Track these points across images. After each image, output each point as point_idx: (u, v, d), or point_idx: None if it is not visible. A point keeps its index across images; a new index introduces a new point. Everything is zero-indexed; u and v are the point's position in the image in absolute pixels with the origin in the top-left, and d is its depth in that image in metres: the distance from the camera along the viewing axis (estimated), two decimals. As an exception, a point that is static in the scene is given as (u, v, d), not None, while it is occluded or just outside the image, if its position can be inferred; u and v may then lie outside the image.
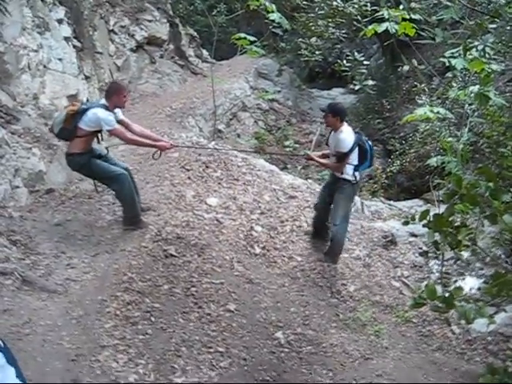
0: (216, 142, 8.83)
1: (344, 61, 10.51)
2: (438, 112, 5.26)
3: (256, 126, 12.74)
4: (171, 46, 12.99)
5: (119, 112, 6.17)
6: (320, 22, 12.16)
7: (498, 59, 5.70)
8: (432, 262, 6.77)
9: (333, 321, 5.37)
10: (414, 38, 4.74)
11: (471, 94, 5.01)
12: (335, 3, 11.31)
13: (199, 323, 4.76)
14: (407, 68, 6.01)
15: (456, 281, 6.37)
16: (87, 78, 9.27)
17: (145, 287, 5.05)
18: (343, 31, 11.98)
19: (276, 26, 9.17)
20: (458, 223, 2.93)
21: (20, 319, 4.54)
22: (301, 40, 12.68)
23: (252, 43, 8.74)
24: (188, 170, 7.52)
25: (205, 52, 14.30)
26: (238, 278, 5.53)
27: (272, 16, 7.75)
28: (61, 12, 8.76)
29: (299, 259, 6.16)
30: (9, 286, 4.88)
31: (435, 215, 2.79)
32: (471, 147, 7.09)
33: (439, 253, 6.41)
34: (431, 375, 4.99)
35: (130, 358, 4.24)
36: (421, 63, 6.11)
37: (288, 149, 11.96)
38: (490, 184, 2.74)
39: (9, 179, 6.16)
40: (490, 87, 4.36)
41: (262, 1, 7.60)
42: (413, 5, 5.02)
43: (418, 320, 5.79)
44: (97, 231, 6.21)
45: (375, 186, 10.66)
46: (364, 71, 10.63)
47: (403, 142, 11.65)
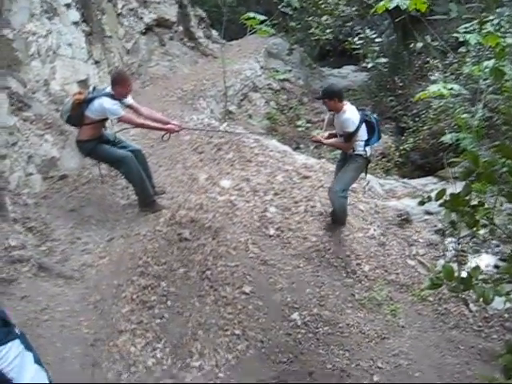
0: (228, 124, 8.79)
1: (355, 38, 10.38)
2: (452, 88, 5.19)
3: (267, 107, 12.65)
4: (180, 28, 12.89)
5: (128, 96, 6.20)
6: (330, 0, 12.00)
7: (514, 32, 5.59)
8: (447, 240, 6.72)
9: (348, 301, 5.35)
10: (427, 14, 4.66)
11: (486, 69, 4.93)
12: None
13: (215, 306, 4.77)
14: (420, 44, 5.91)
15: (472, 258, 6.33)
16: (97, 63, 9.23)
17: (160, 271, 5.06)
18: (354, 8, 11.80)
19: (285, 5, 9.07)
20: (475, 202, 2.89)
21: (38, 305, 4.60)
22: (311, 18, 12.52)
23: (262, 23, 8.65)
24: (200, 153, 7.50)
25: (214, 33, 14.16)
26: (253, 260, 5.53)
27: (281, -6, 7.66)
28: (68, -4, 8.71)
29: (314, 239, 6.14)
30: (26, 273, 4.93)
31: (452, 194, 2.75)
32: (486, 123, 7.00)
33: (448, 231, 6.38)
34: (448, 353, 4.98)
35: (148, 343, 4.27)
36: (434, 39, 6.00)
37: (300, 128, 11.87)
38: (508, 161, 2.69)
39: (22, 166, 6.18)
40: (505, 62, 4.29)
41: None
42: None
43: (434, 298, 5.76)
44: (111, 216, 6.24)
45: (389, 164, 10.58)
46: (376, 49, 10.50)
47: (416, 120, 11.52)
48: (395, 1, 4.48)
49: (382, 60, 10.23)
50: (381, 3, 4.61)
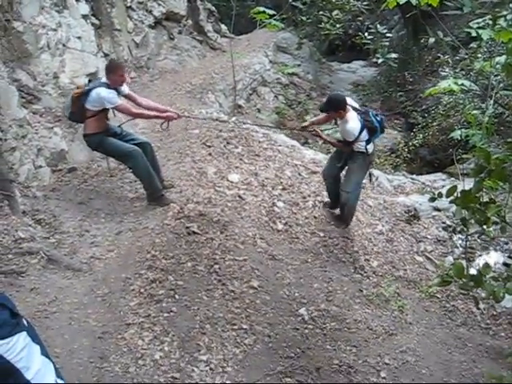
0: (236, 118, 8.78)
1: (366, 33, 10.32)
2: (463, 84, 5.15)
3: (276, 101, 12.64)
4: (190, 22, 12.87)
5: (125, 86, 6.24)
6: (341, -6, 11.96)
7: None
8: (456, 237, 6.70)
9: (356, 296, 5.35)
10: (438, 9, 4.62)
11: (497, 65, 4.89)
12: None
13: (223, 300, 4.77)
14: (433, 40, 5.85)
15: (480, 255, 6.31)
16: (106, 56, 9.25)
17: (168, 265, 5.06)
18: (364, 3, 11.73)
19: (296, -1, 9.03)
20: (486, 199, 2.87)
21: (47, 297, 4.61)
22: (322, 13, 12.47)
23: (271, 17, 8.64)
24: (209, 147, 7.50)
25: (223, 27, 14.14)
26: (261, 255, 5.53)
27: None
28: (78, -11, 8.72)
29: (322, 235, 6.13)
30: (35, 265, 4.95)
31: (463, 191, 2.74)
32: (496, 120, 6.96)
33: (458, 228, 6.35)
34: (456, 350, 4.97)
35: (156, 336, 4.27)
36: (446, 34, 5.96)
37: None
38: (520, 159, 2.68)
39: (32, 159, 6.20)
40: (517, 58, 4.25)
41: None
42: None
43: (442, 295, 5.76)
44: (119, 209, 6.24)
45: (397, 160, 10.57)
46: (386, 44, 10.43)
47: (426, 115, 11.49)
48: (406, -5, 4.45)
49: (393, 55, 10.16)
50: (392, -3, 4.57)
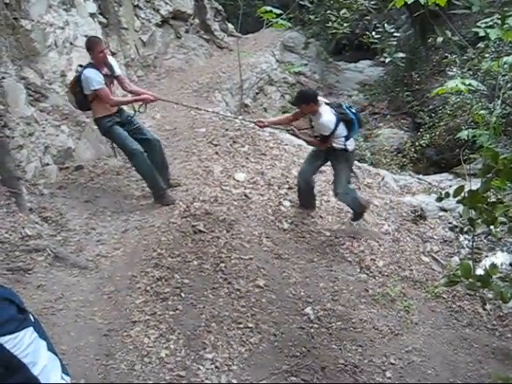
0: (243, 117, 8.78)
1: (373, 32, 10.30)
2: (470, 84, 5.13)
3: (283, 100, 12.63)
4: (196, 21, 12.88)
5: (116, 66, 6.27)
6: (349, -7, 11.95)
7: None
8: (462, 237, 6.68)
9: (362, 296, 5.33)
10: (446, 8, 4.61)
11: (505, 65, 4.88)
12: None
13: (229, 299, 4.77)
14: (441, 39, 5.83)
15: (487, 256, 6.29)
16: (113, 54, 9.24)
17: (174, 263, 5.07)
18: (372, 2, 11.71)
19: (303, -2, 9.03)
20: (493, 199, 2.86)
21: (53, 295, 4.63)
22: (329, 12, 12.45)
23: (278, 16, 8.64)
24: (215, 145, 7.51)
25: (230, 26, 14.14)
26: (267, 254, 5.53)
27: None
28: (86, -12, 8.74)
29: (328, 234, 6.13)
30: (41, 263, 4.97)
31: (470, 191, 2.73)
32: (504, 120, 6.94)
33: (466, 228, 6.33)
34: (461, 351, 4.95)
35: (161, 334, 4.28)
36: (453, 34, 5.95)
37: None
38: (528, 159, 2.67)
39: (39, 157, 6.22)
40: (526, 58, 4.24)
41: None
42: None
43: (448, 295, 5.73)
44: (126, 207, 6.26)
45: (404, 160, 10.54)
46: (394, 43, 10.41)
47: (432, 115, 11.46)
48: (414, -5, 4.44)
49: (400, 55, 10.14)
50: (400, -3, 4.56)
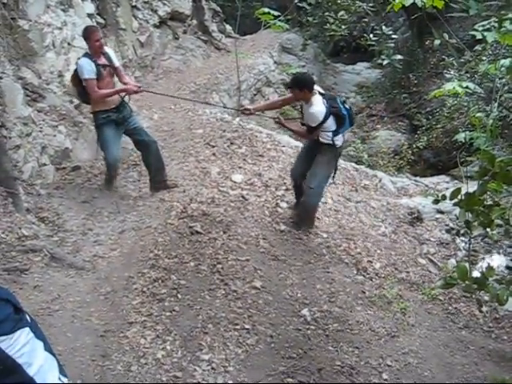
0: (240, 118, 8.78)
1: (371, 35, 10.32)
2: (467, 87, 5.15)
3: (280, 102, 12.63)
4: (194, 22, 12.89)
5: (115, 58, 6.23)
6: (347, -5, 11.98)
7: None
8: (459, 239, 6.69)
9: (359, 298, 5.34)
10: (443, 11, 4.62)
11: (502, 68, 4.89)
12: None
13: (225, 300, 4.77)
14: (439, 42, 5.85)
15: (483, 258, 6.30)
16: (111, 54, 9.26)
17: (171, 264, 5.07)
18: (370, 5, 11.74)
19: (302, 0, 9.04)
20: (490, 202, 2.87)
21: (49, 295, 4.63)
22: (328, 14, 12.47)
23: (276, 18, 8.65)
24: (213, 147, 7.51)
25: (228, 27, 14.16)
26: (264, 255, 5.53)
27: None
28: (84, -12, 8.74)
29: (325, 236, 6.13)
30: (38, 263, 4.97)
31: (467, 194, 2.74)
32: (501, 123, 6.95)
33: (463, 230, 6.34)
34: (458, 353, 4.96)
35: (158, 335, 4.28)
36: (451, 37, 5.96)
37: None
38: (525, 162, 2.68)
39: (36, 157, 6.21)
40: (523, 61, 4.26)
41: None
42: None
43: (445, 298, 5.74)
44: (123, 208, 6.26)
45: (401, 162, 10.56)
46: (392, 45, 10.43)
47: (430, 117, 11.49)
48: (412, -3, 4.45)
49: (398, 57, 10.15)
50: (397, 0, 4.57)
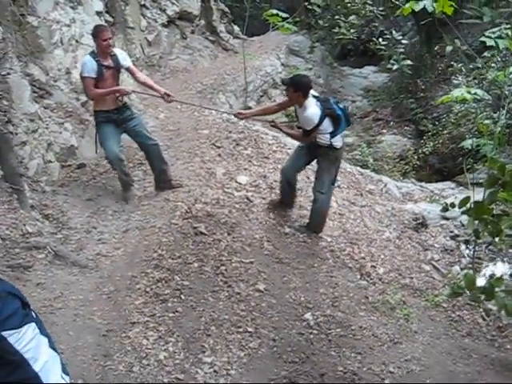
0: (246, 120, 8.76)
1: (380, 39, 10.30)
2: (476, 93, 5.12)
3: (286, 104, 12.61)
4: (202, 22, 12.88)
5: (124, 58, 6.18)
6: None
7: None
8: (463, 246, 6.66)
9: (362, 303, 5.31)
10: (453, 17, 4.60)
11: (511, 75, 4.87)
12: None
13: (229, 302, 4.76)
14: (450, 48, 5.82)
15: (487, 266, 6.27)
16: (119, 53, 9.26)
17: (175, 265, 5.06)
18: (380, 8, 11.72)
19: (312, 3, 9.03)
20: (498, 211, 2.85)
21: (52, 293, 4.62)
22: (337, 17, 12.45)
23: (284, 20, 8.64)
24: (218, 148, 7.50)
25: (236, 28, 14.15)
26: (268, 258, 5.51)
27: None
28: (93, -14, 8.74)
29: (329, 240, 6.11)
30: (41, 260, 4.95)
31: (475, 203, 2.71)
32: (508, 130, 6.92)
33: (471, 239, 6.31)
34: (460, 361, 4.92)
35: (160, 336, 4.26)
36: (462, 43, 5.94)
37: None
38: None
39: (42, 154, 6.21)
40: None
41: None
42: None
43: (448, 305, 5.71)
44: (127, 207, 6.25)
45: (406, 167, 10.53)
46: (402, 50, 10.41)
47: (436, 123, 11.45)
48: (422, 3, 4.44)
49: (408, 62, 10.13)
50: (407, 5, 4.56)
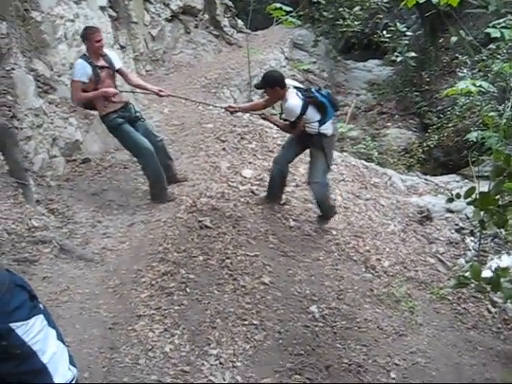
0: (251, 113, 8.76)
1: (384, 31, 10.27)
2: (481, 86, 5.10)
3: (290, 98, 12.61)
4: (206, 16, 12.87)
5: (116, 59, 6.13)
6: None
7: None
8: (468, 239, 6.66)
9: (367, 296, 5.31)
10: (458, 8, 4.58)
11: (517, 67, 4.85)
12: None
13: (234, 295, 4.76)
14: (455, 39, 5.79)
15: (492, 259, 6.27)
16: (122, 48, 9.26)
17: (180, 258, 5.07)
18: (385, 0, 11.67)
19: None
20: (504, 201, 2.84)
21: (58, 287, 4.63)
22: (342, 9, 12.40)
23: (287, 13, 8.62)
24: (223, 141, 7.50)
25: (240, 22, 14.13)
26: (273, 251, 5.52)
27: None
28: (96, -19, 8.73)
29: (334, 233, 6.11)
30: (47, 254, 4.97)
31: (481, 193, 2.71)
32: (513, 122, 6.90)
33: (477, 230, 6.30)
34: (466, 354, 4.93)
35: (166, 329, 4.27)
36: (467, 34, 5.91)
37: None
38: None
39: (47, 148, 6.22)
40: (539, 60, 4.21)
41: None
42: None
43: (453, 297, 5.71)
44: (132, 201, 6.26)
45: (411, 161, 10.52)
46: (406, 42, 10.37)
47: (441, 116, 11.43)
48: (426, -6, 4.42)
49: (412, 54, 10.09)
50: (412, -4, 4.55)
